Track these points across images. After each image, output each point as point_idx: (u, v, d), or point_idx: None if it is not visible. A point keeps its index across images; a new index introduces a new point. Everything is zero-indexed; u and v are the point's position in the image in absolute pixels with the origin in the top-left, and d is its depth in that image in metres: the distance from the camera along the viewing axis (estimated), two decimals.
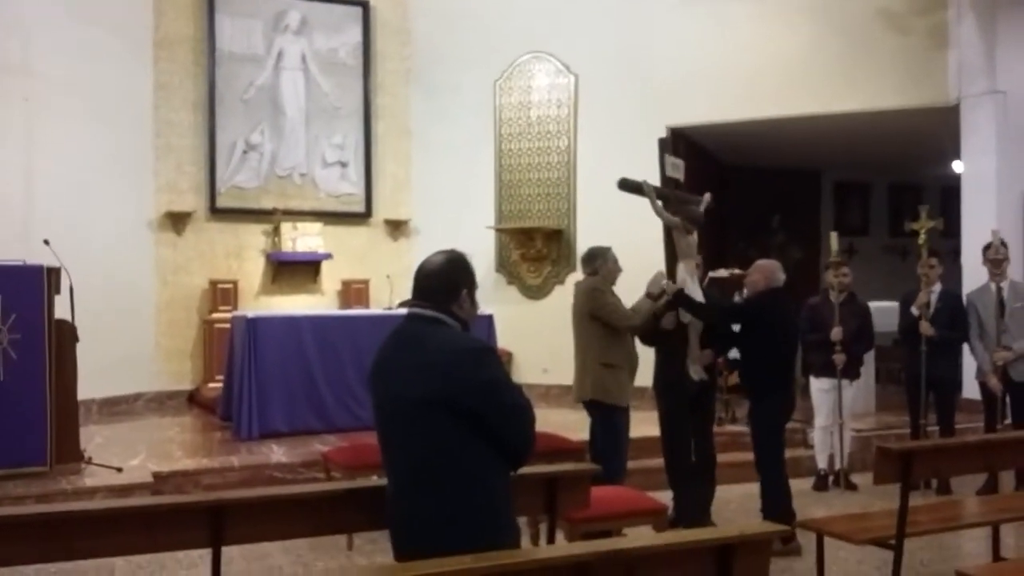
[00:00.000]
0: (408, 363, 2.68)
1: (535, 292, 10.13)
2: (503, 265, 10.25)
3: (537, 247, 9.94)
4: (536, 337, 9.54)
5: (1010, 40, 7.82)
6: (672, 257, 5.49)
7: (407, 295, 2.99)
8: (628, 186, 5.16)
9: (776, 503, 5.32)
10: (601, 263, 5.66)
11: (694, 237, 5.32)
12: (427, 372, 2.58)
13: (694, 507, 5.54)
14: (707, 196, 5.72)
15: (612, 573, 2.43)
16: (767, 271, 5.60)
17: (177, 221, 9.54)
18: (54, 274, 5.94)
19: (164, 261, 9.52)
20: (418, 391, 2.59)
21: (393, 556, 2.68)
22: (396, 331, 2.85)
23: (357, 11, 10.11)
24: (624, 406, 5.58)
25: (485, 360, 2.61)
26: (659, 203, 5.20)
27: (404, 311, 2.86)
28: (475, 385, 2.54)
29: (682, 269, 5.25)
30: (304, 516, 3.04)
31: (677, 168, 5.43)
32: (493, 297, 9.84)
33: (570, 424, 6.51)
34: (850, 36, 8.62)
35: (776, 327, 5.48)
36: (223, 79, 9.63)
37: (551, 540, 3.49)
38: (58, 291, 5.98)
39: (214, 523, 2.93)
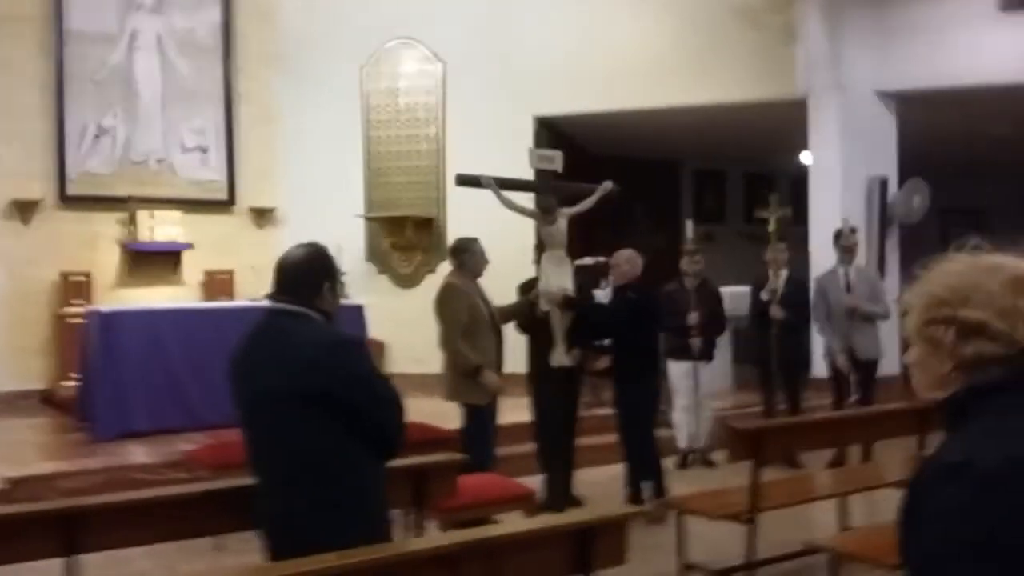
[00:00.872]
0: (274, 358, 2.65)
1: (406, 281, 10.08)
2: (374, 254, 10.15)
3: (407, 236, 9.88)
4: (409, 327, 9.47)
5: (854, 36, 8.28)
6: (543, 247, 5.61)
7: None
8: (466, 180, 5.23)
9: (643, 476, 5.57)
10: (468, 256, 5.63)
11: (559, 226, 5.42)
12: (295, 367, 2.55)
13: (563, 490, 5.71)
14: (607, 184, 5.82)
15: (477, 562, 2.48)
16: (635, 261, 5.81)
17: (24, 210, 8.99)
18: None
19: (9, 253, 8.94)
20: (287, 386, 2.56)
21: (267, 555, 2.65)
22: (258, 326, 2.81)
23: None
24: (483, 404, 5.61)
25: (355, 353, 2.64)
26: (503, 194, 5.30)
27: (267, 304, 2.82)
28: (346, 378, 2.54)
29: (546, 259, 5.35)
30: (164, 520, 2.96)
31: (548, 160, 5.52)
32: (364, 287, 9.74)
33: (444, 413, 6.51)
34: (709, 30, 8.94)
35: (644, 316, 5.75)
36: (72, 59, 9.10)
37: (419, 532, 3.52)
38: None
39: (67, 531, 2.81)
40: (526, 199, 5.82)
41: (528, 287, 5.76)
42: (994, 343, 1.30)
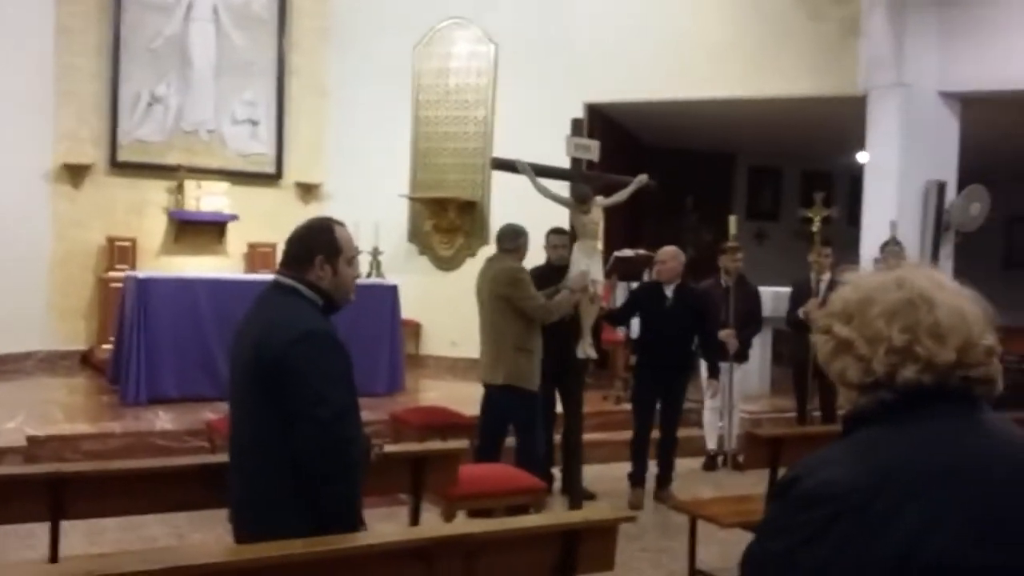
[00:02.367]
0: (250, 331, 2.59)
1: (447, 264, 10.02)
2: (416, 235, 10.11)
3: (450, 218, 9.81)
4: (446, 309, 9.45)
5: (919, 34, 7.94)
6: (575, 237, 5.50)
7: None
8: (501, 164, 5.11)
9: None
10: (524, 241, 5.41)
11: (593, 216, 5.29)
12: (255, 344, 2.48)
13: (579, 482, 5.61)
14: (642, 177, 5.69)
15: (451, 559, 2.39)
16: (681, 258, 5.73)
17: (75, 173, 9.15)
18: None
19: (60, 215, 9.12)
20: (246, 363, 2.50)
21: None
22: (257, 297, 2.75)
23: None
24: (536, 390, 5.41)
25: (306, 346, 2.43)
26: (539, 181, 5.16)
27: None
28: (283, 369, 2.40)
29: (577, 248, 5.23)
30: (147, 492, 2.93)
31: (585, 148, 5.39)
32: (404, 267, 9.73)
33: (474, 399, 6.41)
34: (769, 20, 8.66)
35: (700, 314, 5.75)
36: (129, 26, 9.22)
37: (415, 521, 3.44)
38: None
39: (54, 497, 2.80)
40: (560, 187, 5.68)
41: (539, 276, 5.53)
42: (857, 364, 1.27)
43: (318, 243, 2.65)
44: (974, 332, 1.26)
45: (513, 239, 5.42)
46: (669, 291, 5.99)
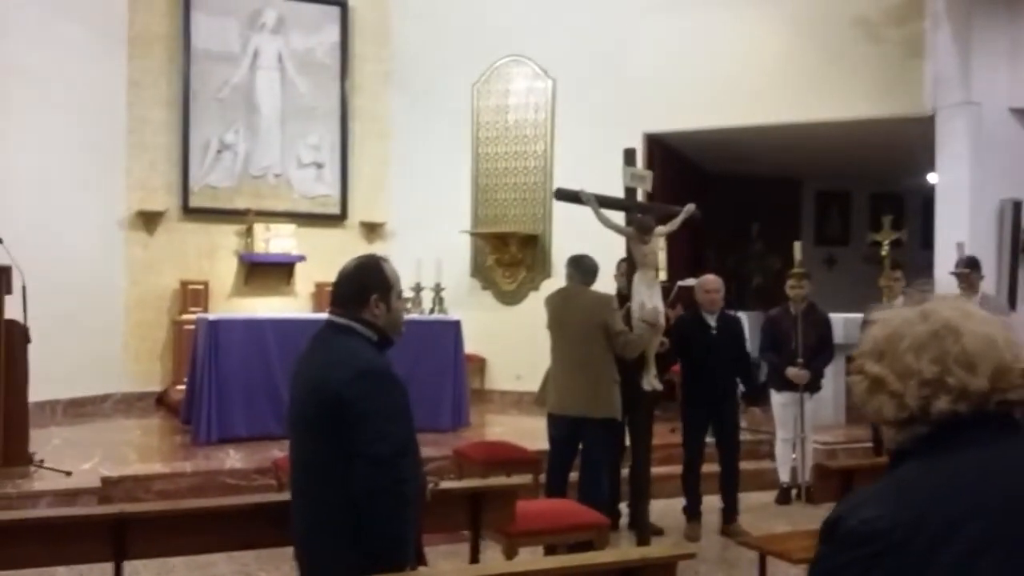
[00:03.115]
0: (308, 371, 2.63)
1: (509, 298, 10.04)
2: (478, 270, 10.17)
3: (512, 252, 9.85)
4: (510, 343, 9.46)
5: (985, 51, 7.74)
6: (635, 267, 5.45)
7: None
8: (565, 195, 5.11)
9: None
10: (594, 277, 5.41)
11: (654, 245, 5.25)
12: (313, 383, 2.51)
13: (647, 516, 5.50)
14: (690, 206, 5.66)
15: None
16: (722, 287, 5.68)
17: (149, 220, 9.46)
18: (4, 273, 5.85)
19: (134, 260, 9.43)
20: (304, 402, 2.53)
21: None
22: (313, 337, 2.79)
23: (335, 11, 10.03)
24: (620, 418, 5.33)
25: (365, 384, 2.46)
26: (602, 212, 5.15)
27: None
28: (343, 407, 2.42)
29: (638, 279, 5.19)
30: (212, 530, 2.97)
31: (640, 179, 5.38)
32: (467, 302, 9.77)
33: (539, 433, 6.32)
34: (828, 45, 8.55)
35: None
36: (198, 77, 9.55)
37: (475, 558, 3.41)
38: (9, 291, 5.89)
39: (116, 538, 2.86)
40: (618, 218, 5.65)
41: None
42: (892, 401, 1.27)
43: (372, 281, 2.68)
44: (1006, 357, 1.25)
45: (591, 274, 5.35)
46: (712, 320, 5.92)
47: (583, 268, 5.33)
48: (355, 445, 2.42)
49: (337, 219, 10.15)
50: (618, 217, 5.69)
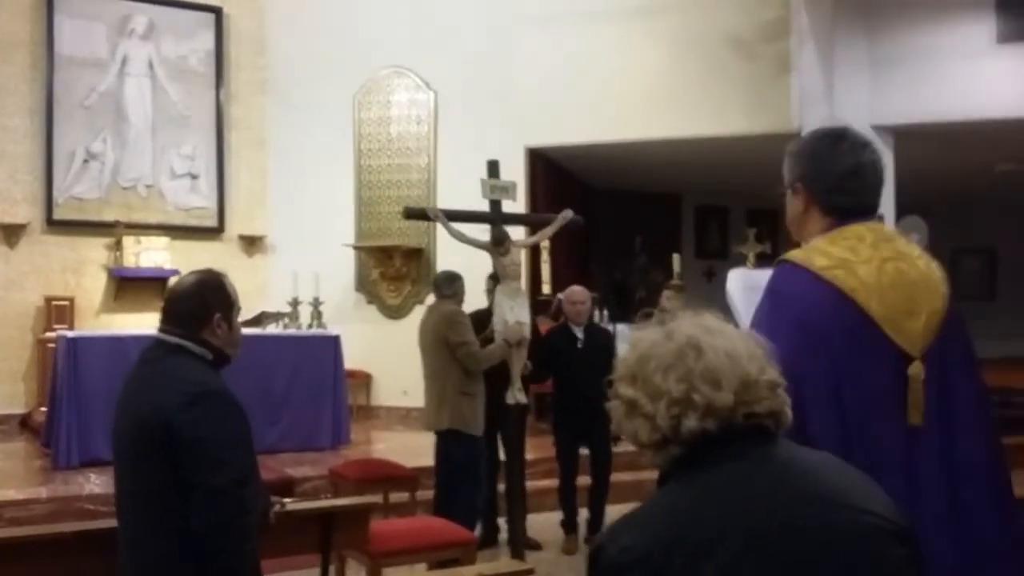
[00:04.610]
0: (136, 395, 2.47)
1: (395, 312, 9.91)
2: (362, 284, 10.01)
3: (396, 266, 9.73)
4: (396, 358, 9.29)
5: (847, 69, 8.05)
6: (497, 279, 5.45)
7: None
8: (413, 214, 5.11)
9: None
10: (460, 286, 5.54)
11: (514, 256, 5.24)
12: (142, 408, 2.36)
13: (523, 531, 5.48)
14: (567, 212, 5.65)
15: None
16: (589, 299, 5.75)
17: (9, 233, 8.97)
18: None
19: None
20: (132, 427, 2.38)
21: None
22: (140, 357, 2.63)
23: (209, 17, 9.73)
24: (480, 435, 5.44)
25: (200, 408, 2.32)
26: (452, 225, 5.16)
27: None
28: (176, 434, 2.28)
29: (500, 292, 5.18)
30: (35, 561, 2.77)
31: (502, 190, 5.36)
32: (352, 316, 9.60)
33: (424, 449, 6.26)
34: (705, 61, 8.75)
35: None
36: (62, 84, 9.12)
37: None
38: None
39: None
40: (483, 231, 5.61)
41: (479, 320, 5.55)
42: (646, 423, 1.26)
43: (215, 298, 2.55)
44: (751, 370, 1.25)
45: (450, 284, 5.52)
46: (580, 332, 5.95)
47: (439, 284, 5.59)
48: (191, 474, 2.28)
49: (214, 232, 9.83)
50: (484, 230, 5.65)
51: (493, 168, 5.38)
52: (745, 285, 3.08)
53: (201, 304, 2.53)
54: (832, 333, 1.82)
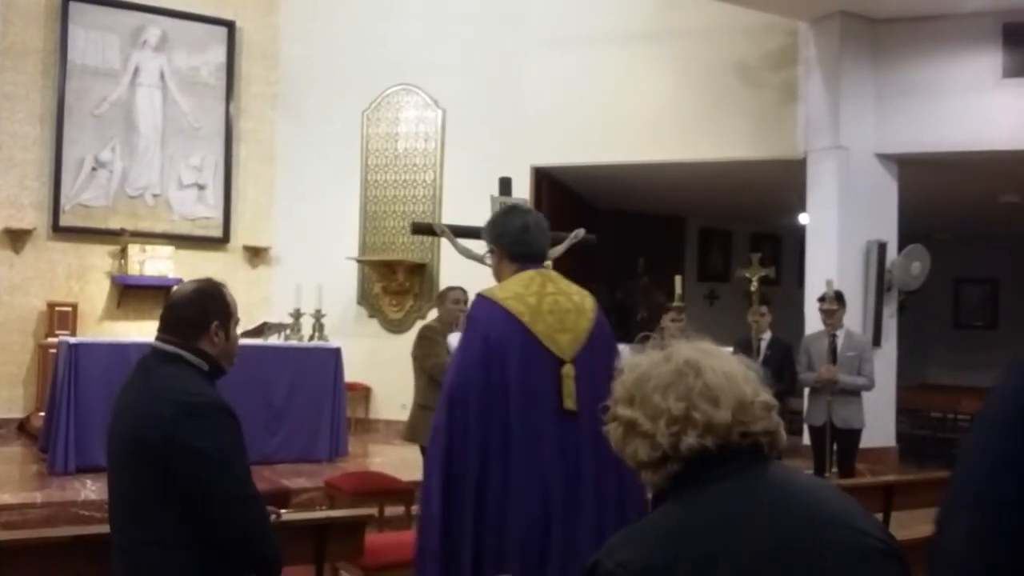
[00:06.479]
0: (132, 405, 2.46)
1: (396, 326, 9.94)
2: (365, 298, 10.04)
3: (399, 280, 9.76)
4: (396, 372, 9.25)
5: (853, 98, 8.10)
6: None
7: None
8: (420, 229, 5.14)
9: None
10: (438, 303, 5.64)
11: None
12: (138, 419, 2.35)
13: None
14: (579, 231, 5.68)
15: None
16: None
17: (16, 238, 9.02)
18: None
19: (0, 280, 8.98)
20: (127, 439, 2.37)
21: None
22: (136, 366, 2.62)
23: (222, 31, 9.82)
24: None
25: (198, 420, 2.30)
26: (459, 242, 5.18)
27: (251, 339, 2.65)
28: (174, 446, 2.26)
29: None
30: (28, 565, 2.78)
31: None
32: (354, 330, 9.63)
33: (419, 463, 6.24)
34: (712, 87, 8.81)
35: None
36: (74, 92, 9.20)
37: None
38: None
39: None
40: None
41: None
42: (645, 442, 1.28)
43: (213, 307, 2.53)
44: (747, 390, 1.29)
45: (438, 299, 5.55)
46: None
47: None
48: (196, 485, 2.27)
49: (219, 242, 9.88)
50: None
51: (505, 185, 5.41)
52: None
53: (199, 312, 2.52)
54: (508, 343, 2.64)
